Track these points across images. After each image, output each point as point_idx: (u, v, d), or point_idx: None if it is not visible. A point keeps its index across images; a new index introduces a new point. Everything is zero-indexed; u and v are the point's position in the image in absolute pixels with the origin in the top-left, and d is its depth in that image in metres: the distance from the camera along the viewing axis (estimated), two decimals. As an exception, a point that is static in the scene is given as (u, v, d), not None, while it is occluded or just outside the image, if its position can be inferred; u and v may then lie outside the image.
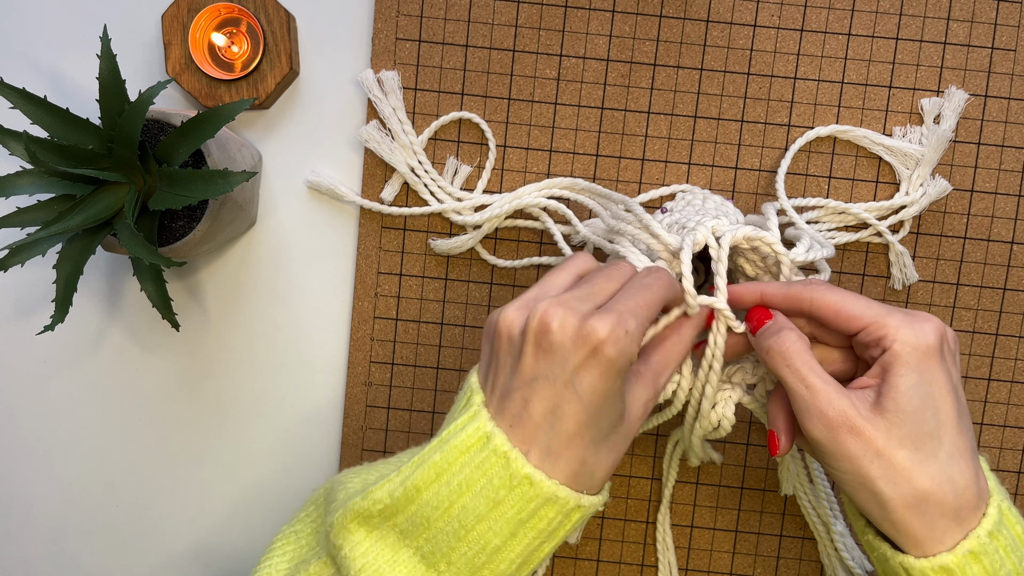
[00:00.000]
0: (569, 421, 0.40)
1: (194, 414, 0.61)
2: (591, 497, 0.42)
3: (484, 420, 0.41)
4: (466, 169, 0.58)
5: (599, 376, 0.40)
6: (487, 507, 0.40)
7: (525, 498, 0.40)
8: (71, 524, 0.62)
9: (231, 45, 0.57)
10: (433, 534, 0.41)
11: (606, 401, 0.41)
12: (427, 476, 0.41)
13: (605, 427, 0.42)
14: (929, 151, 0.56)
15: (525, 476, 0.40)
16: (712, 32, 0.57)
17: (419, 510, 0.41)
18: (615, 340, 0.40)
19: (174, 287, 0.59)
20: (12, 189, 0.50)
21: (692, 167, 0.58)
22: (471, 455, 0.41)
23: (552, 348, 0.40)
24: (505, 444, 0.40)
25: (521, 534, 0.41)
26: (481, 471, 0.40)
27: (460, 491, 0.40)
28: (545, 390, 0.40)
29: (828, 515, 0.58)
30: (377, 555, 0.42)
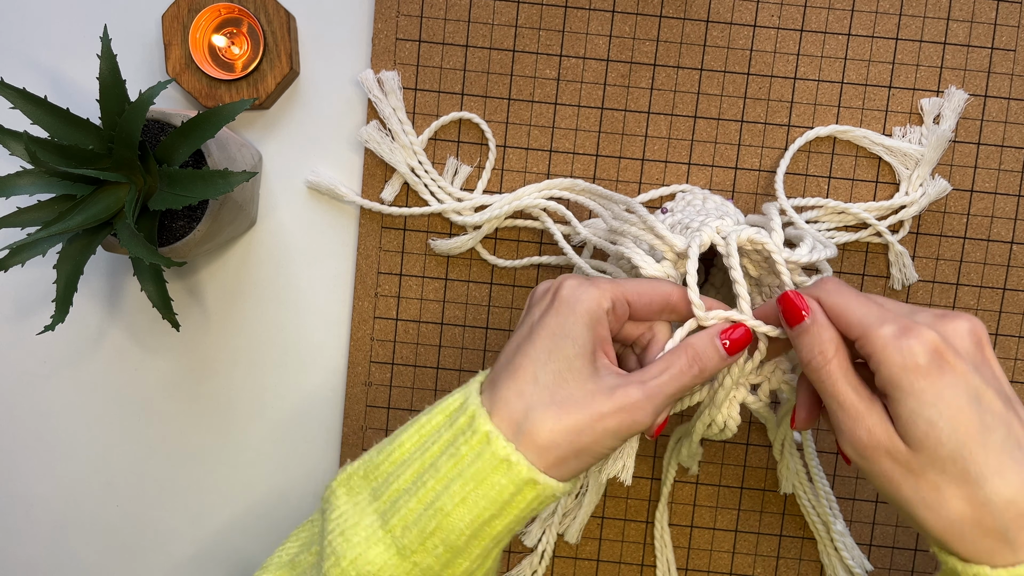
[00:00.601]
0: (520, 355, 0.42)
1: (194, 414, 0.61)
2: (545, 476, 0.41)
3: (472, 387, 0.43)
4: (466, 169, 0.58)
5: (551, 312, 0.42)
6: (448, 464, 0.41)
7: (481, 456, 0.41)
8: (71, 524, 0.62)
9: (231, 45, 0.57)
10: (396, 494, 0.42)
11: (553, 338, 0.42)
12: (411, 435, 0.43)
13: (552, 370, 0.41)
14: (929, 151, 0.56)
15: (484, 433, 0.41)
16: (712, 32, 0.57)
17: (395, 469, 0.43)
18: (570, 283, 0.43)
19: (174, 287, 0.59)
20: (12, 189, 0.50)
21: (692, 167, 0.58)
22: (451, 416, 0.43)
23: (531, 305, 0.45)
24: (476, 404, 0.42)
25: (472, 499, 0.41)
26: (451, 431, 0.42)
27: (431, 448, 0.42)
28: (515, 336, 0.44)
29: (828, 514, 0.58)
30: (347, 516, 0.43)
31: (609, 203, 0.56)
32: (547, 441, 0.41)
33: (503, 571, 0.61)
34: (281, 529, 0.61)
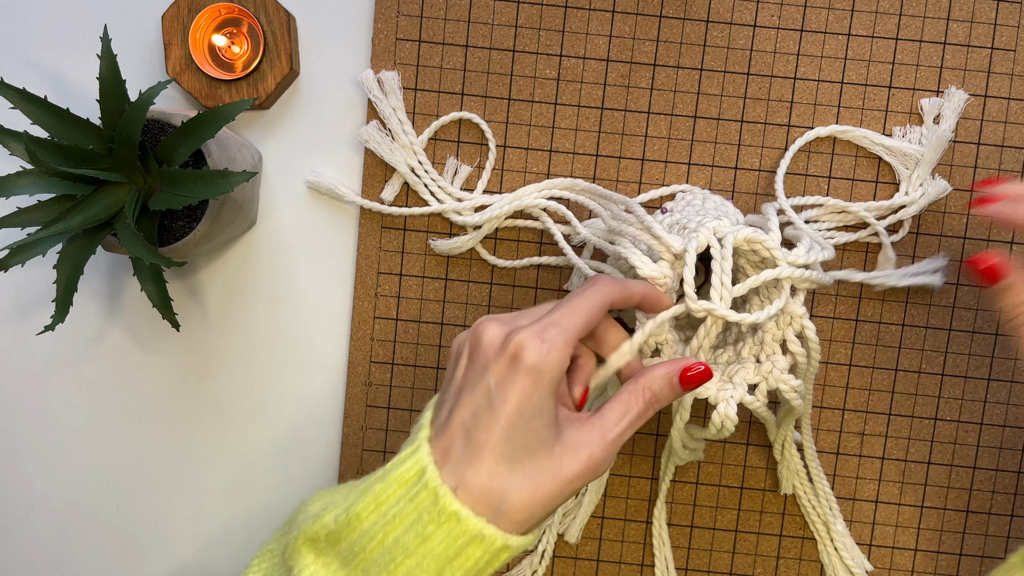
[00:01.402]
0: (482, 429, 0.41)
1: (194, 414, 0.61)
2: (518, 537, 0.41)
3: (424, 454, 0.41)
4: (466, 169, 0.58)
5: (516, 386, 0.40)
6: (416, 542, 0.40)
7: (452, 535, 0.40)
8: (71, 524, 0.62)
9: (231, 45, 0.57)
10: (367, 565, 0.41)
11: (521, 415, 0.40)
12: (367, 505, 0.41)
13: (520, 445, 0.41)
14: (929, 151, 0.56)
15: (452, 512, 0.40)
16: (712, 32, 0.57)
17: (358, 539, 0.41)
18: (532, 347, 0.40)
19: (174, 287, 0.59)
20: (12, 189, 0.50)
21: (692, 167, 0.58)
22: (407, 488, 0.41)
23: (479, 356, 0.41)
24: (436, 480, 0.40)
25: (447, 572, 0.40)
26: (413, 505, 0.40)
27: (393, 523, 0.41)
28: (467, 398, 0.41)
29: (828, 515, 0.58)
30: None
31: (608, 203, 0.56)
32: (525, 516, 0.41)
33: (503, 572, 0.61)
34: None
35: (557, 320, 0.42)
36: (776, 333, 0.49)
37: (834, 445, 0.59)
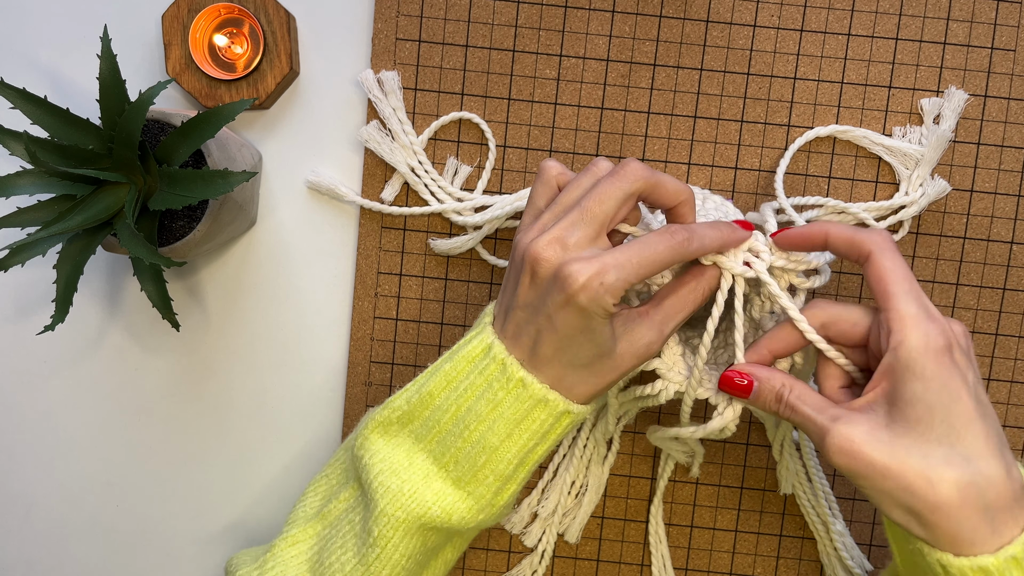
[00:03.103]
0: (546, 346, 0.44)
1: (194, 414, 0.61)
2: (579, 406, 0.46)
3: (488, 333, 0.46)
4: (466, 169, 0.58)
5: (572, 316, 0.43)
6: (487, 408, 0.45)
7: (519, 399, 0.45)
8: (71, 524, 0.62)
9: (232, 45, 0.57)
10: (442, 436, 0.46)
11: (581, 336, 0.44)
12: (439, 383, 0.46)
13: (582, 357, 0.44)
14: (929, 151, 0.56)
15: (519, 379, 0.44)
16: (712, 32, 0.57)
17: (431, 415, 0.46)
18: (588, 290, 0.42)
19: (174, 287, 0.59)
20: (12, 189, 0.50)
21: (692, 167, 0.58)
22: (475, 363, 0.46)
23: (538, 283, 0.44)
24: (503, 352, 0.45)
25: (516, 434, 0.45)
26: (483, 376, 0.45)
27: (466, 394, 0.45)
28: (530, 315, 0.44)
29: (827, 514, 0.58)
30: (394, 458, 0.47)
31: None
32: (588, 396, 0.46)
33: (503, 572, 0.61)
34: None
35: (622, 264, 0.43)
36: None
37: (834, 445, 0.59)
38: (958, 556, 0.41)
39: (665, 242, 0.44)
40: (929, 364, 0.41)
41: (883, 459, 0.41)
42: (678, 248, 0.44)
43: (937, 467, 0.41)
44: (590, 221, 0.44)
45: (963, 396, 0.41)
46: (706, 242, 0.46)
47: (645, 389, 0.51)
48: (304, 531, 0.50)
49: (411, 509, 0.46)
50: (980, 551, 0.40)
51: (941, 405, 0.41)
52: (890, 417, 0.42)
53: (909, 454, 0.41)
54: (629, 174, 0.44)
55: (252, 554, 0.51)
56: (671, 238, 0.44)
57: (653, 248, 0.44)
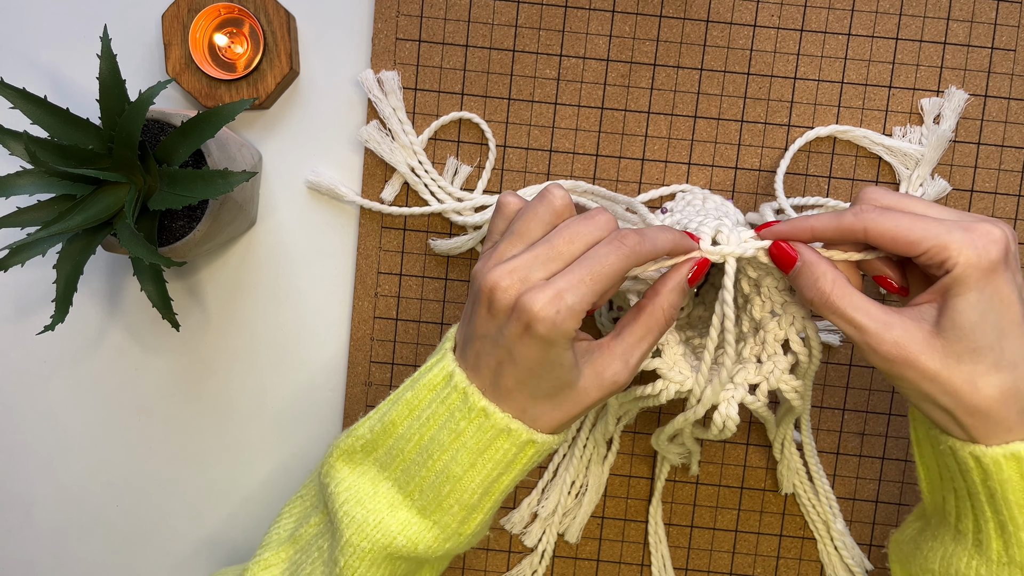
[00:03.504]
0: (507, 378, 0.43)
1: (194, 414, 0.61)
2: (543, 435, 0.45)
3: (448, 360, 0.45)
4: (466, 169, 0.58)
5: (532, 347, 0.42)
6: (449, 438, 0.44)
7: (481, 429, 0.44)
8: (71, 524, 0.62)
9: (232, 45, 0.57)
10: (406, 465, 0.45)
11: (541, 368, 0.43)
12: (401, 412, 0.45)
13: (544, 389, 0.44)
14: (929, 151, 0.56)
15: (481, 409, 0.44)
16: (712, 32, 0.57)
17: (395, 443, 0.46)
18: (545, 319, 0.41)
19: (174, 287, 0.59)
20: (12, 189, 0.50)
21: (692, 167, 0.58)
22: (436, 391, 0.45)
23: (495, 314, 0.43)
24: (464, 381, 0.44)
25: (480, 464, 0.44)
26: (444, 405, 0.44)
27: (428, 424, 0.45)
28: (489, 347, 0.44)
29: (828, 514, 0.58)
30: (359, 487, 0.46)
31: (613, 204, 0.56)
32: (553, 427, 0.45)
33: (503, 572, 0.61)
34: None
35: (576, 285, 0.42)
36: (778, 333, 0.49)
37: (834, 445, 0.59)
38: (990, 446, 0.42)
39: (615, 251, 0.43)
40: (985, 277, 0.41)
41: (934, 366, 0.42)
42: (630, 254, 0.43)
43: (984, 373, 0.41)
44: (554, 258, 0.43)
45: (1015, 302, 0.41)
46: (658, 244, 0.45)
47: (645, 389, 0.51)
48: (276, 555, 0.49)
49: (376, 539, 0.45)
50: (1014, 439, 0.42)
51: (994, 312, 0.41)
52: (940, 325, 0.42)
53: (960, 360, 0.41)
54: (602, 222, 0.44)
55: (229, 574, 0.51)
56: (621, 245, 0.43)
57: (603, 260, 0.43)
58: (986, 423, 0.42)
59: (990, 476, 0.42)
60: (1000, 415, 0.41)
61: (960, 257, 0.41)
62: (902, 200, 0.44)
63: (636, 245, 0.43)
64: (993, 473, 0.42)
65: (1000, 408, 0.41)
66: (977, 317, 0.41)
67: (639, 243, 0.43)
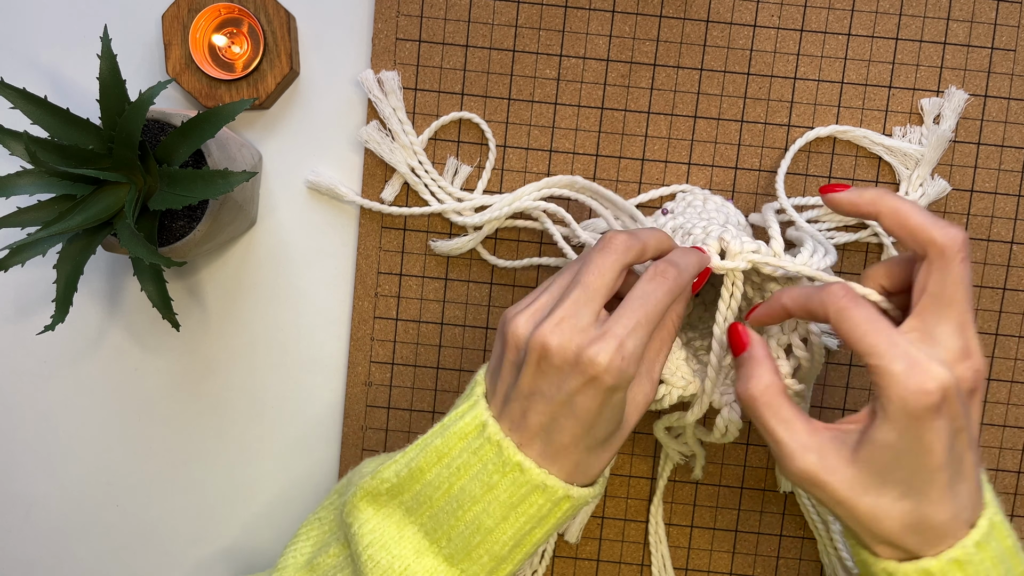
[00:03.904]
0: (565, 434, 0.43)
1: (194, 414, 0.61)
2: (581, 489, 0.44)
3: (482, 409, 0.44)
4: (466, 169, 0.58)
5: (597, 399, 0.42)
6: (481, 490, 0.43)
7: (516, 484, 0.43)
8: (71, 524, 0.62)
9: (232, 45, 0.57)
10: (434, 512, 0.44)
11: (603, 417, 0.43)
12: (429, 459, 0.44)
13: (601, 436, 0.44)
14: (929, 151, 0.56)
15: (516, 463, 0.43)
16: (712, 32, 0.57)
17: (422, 489, 0.44)
18: (612, 369, 0.41)
19: (174, 287, 0.59)
20: (12, 189, 0.50)
21: (692, 167, 0.58)
22: (468, 441, 0.44)
23: (550, 371, 0.42)
24: (498, 433, 0.43)
25: (512, 518, 0.43)
26: (477, 457, 0.43)
27: (458, 474, 0.43)
28: (542, 405, 0.42)
29: (827, 513, 0.58)
30: (384, 531, 0.45)
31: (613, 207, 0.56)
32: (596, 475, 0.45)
33: None
34: (281, 529, 0.61)
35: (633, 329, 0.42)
36: (781, 338, 0.49)
37: (834, 445, 0.59)
38: (901, 562, 0.42)
39: (662, 287, 0.44)
40: (908, 419, 0.40)
41: (841, 494, 0.42)
42: (674, 288, 0.44)
43: (888, 505, 0.41)
44: (593, 296, 0.43)
45: (936, 449, 0.40)
46: (691, 270, 0.45)
47: None
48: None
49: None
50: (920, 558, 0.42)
51: (910, 454, 0.40)
52: (857, 453, 0.41)
53: (866, 491, 0.41)
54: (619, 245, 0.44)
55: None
56: (665, 280, 0.44)
57: (654, 299, 0.43)
58: (888, 549, 0.42)
59: None
60: (902, 543, 0.42)
61: (892, 392, 0.40)
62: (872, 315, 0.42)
63: (677, 278, 0.44)
64: None
65: (902, 537, 0.41)
66: (891, 457, 0.41)
67: (678, 277, 0.44)
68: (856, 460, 0.41)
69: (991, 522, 0.42)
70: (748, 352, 0.45)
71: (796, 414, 0.43)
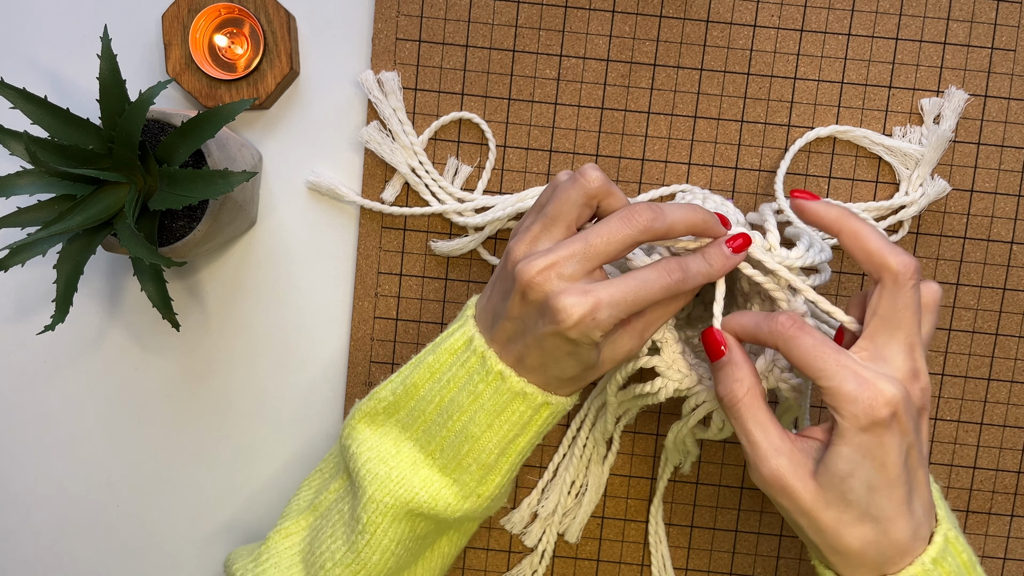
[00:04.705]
0: (532, 359, 0.45)
1: (194, 414, 0.61)
2: (558, 397, 0.47)
3: (470, 326, 0.47)
4: (466, 169, 0.58)
5: (560, 343, 0.44)
6: (468, 399, 0.46)
7: (498, 392, 0.46)
8: (71, 524, 0.62)
9: (232, 45, 0.57)
10: (427, 425, 0.47)
11: (567, 358, 0.45)
12: (423, 375, 0.47)
13: (567, 372, 0.45)
14: (929, 151, 0.56)
15: (498, 372, 0.45)
16: (712, 32, 0.57)
17: (416, 405, 0.48)
18: (579, 325, 0.43)
19: (174, 287, 0.59)
20: (12, 189, 0.50)
21: (692, 167, 0.58)
22: (457, 355, 0.47)
23: (528, 304, 0.44)
24: (483, 345, 0.46)
25: (496, 425, 0.46)
26: (464, 368, 0.46)
27: (448, 386, 0.47)
28: (519, 330, 0.45)
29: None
30: (381, 446, 0.48)
31: None
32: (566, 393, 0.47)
33: (503, 572, 0.61)
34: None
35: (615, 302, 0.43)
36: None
37: (834, 445, 0.59)
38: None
39: (662, 281, 0.44)
40: (860, 436, 0.41)
41: (806, 503, 0.43)
42: (672, 288, 0.45)
43: (849, 523, 0.43)
44: (592, 258, 0.44)
45: (889, 463, 0.42)
46: (700, 280, 0.46)
47: (644, 387, 0.51)
48: (297, 523, 0.51)
49: (399, 495, 0.47)
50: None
51: (866, 470, 0.42)
52: (820, 466, 0.43)
53: (829, 505, 0.43)
54: (639, 223, 0.44)
55: (249, 549, 0.52)
56: (668, 278, 0.45)
57: (649, 287, 0.44)
58: (847, 565, 0.44)
59: None
60: (860, 561, 0.43)
61: (844, 410, 0.42)
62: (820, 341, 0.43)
63: (680, 283, 0.45)
64: None
65: (860, 556, 0.43)
66: (849, 470, 0.42)
67: (682, 281, 0.45)
68: (819, 473, 0.43)
69: (946, 537, 0.44)
70: (727, 356, 0.46)
71: (771, 420, 0.44)
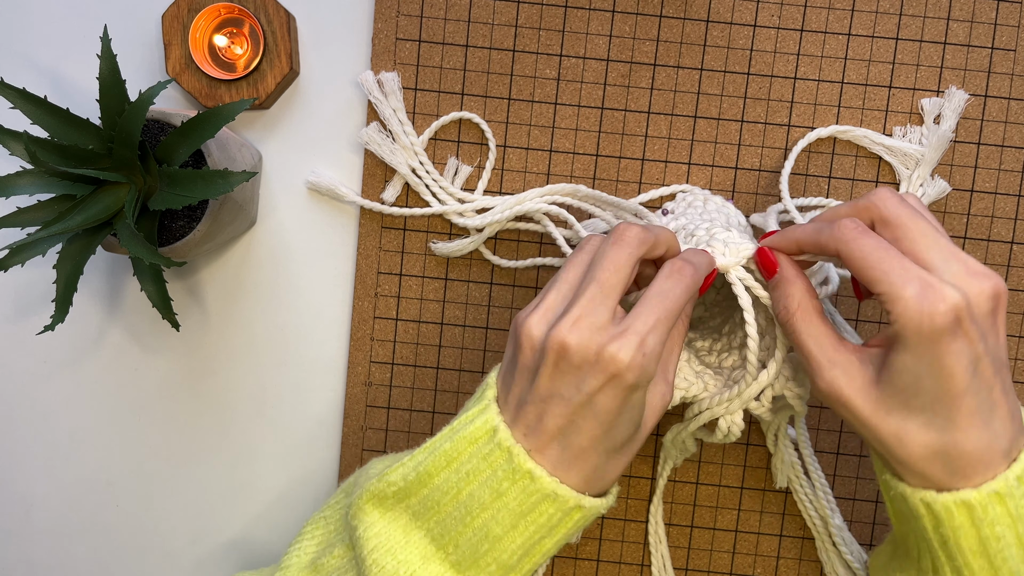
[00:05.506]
0: (583, 436, 0.42)
1: (194, 414, 0.61)
2: (593, 499, 0.43)
3: (492, 414, 0.43)
4: (467, 169, 0.58)
5: (617, 398, 0.41)
6: (491, 497, 0.42)
7: (526, 492, 0.42)
8: (71, 524, 0.62)
9: (232, 45, 0.57)
10: (442, 517, 0.43)
11: (623, 417, 0.42)
12: (438, 463, 0.43)
13: (620, 440, 0.43)
14: (929, 151, 0.56)
15: (527, 471, 0.42)
16: (712, 32, 0.57)
17: (430, 494, 0.43)
18: (635, 366, 0.41)
19: (174, 287, 0.59)
20: (12, 189, 0.50)
21: (692, 167, 0.58)
22: (478, 446, 0.42)
23: (569, 371, 0.41)
24: (509, 439, 0.42)
25: (522, 526, 0.42)
26: (487, 462, 0.42)
27: (467, 479, 0.42)
28: (560, 407, 0.42)
29: (825, 508, 0.58)
30: (390, 535, 0.44)
31: (618, 210, 0.56)
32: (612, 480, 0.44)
33: None
34: (281, 529, 0.61)
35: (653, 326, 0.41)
36: (783, 339, 0.49)
37: (834, 445, 0.59)
38: (940, 492, 0.41)
39: (680, 284, 0.43)
40: (925, 342, 0.39)
41: (864, 412, 0.41)
42: (692, 286, 0.44)
43: (912, 431, 0.41)
44: (609, 293, 0.42)
45: (956, 372, 0.39)
46: (705, 269, 0.46)
47: None
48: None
49: None
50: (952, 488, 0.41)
51: (930, 378, 0.40)
52: (880, 375, 0.42)
53: (889, 413, 0.41)
54: (632, 239, 0.43)
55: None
56: (683, 278, 0.44)
57: (673, 296, 0.43)
58: (912, 476, 0.42)
59: (941, 523, 0.41)
60: (926, 472, 0.41)
61: (903, 316, 0.39)
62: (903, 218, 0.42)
63: (694, 276, 0.44)
64: (944, 520, 0.41)
65: (925, 466, 0.41)
66: (911, 379, 0.40)
67: (695, 274, 0.44)
68: (879, 381, 0.41)
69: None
70: (780, 273, 0.45)
71: (827, 332, 0.43)
